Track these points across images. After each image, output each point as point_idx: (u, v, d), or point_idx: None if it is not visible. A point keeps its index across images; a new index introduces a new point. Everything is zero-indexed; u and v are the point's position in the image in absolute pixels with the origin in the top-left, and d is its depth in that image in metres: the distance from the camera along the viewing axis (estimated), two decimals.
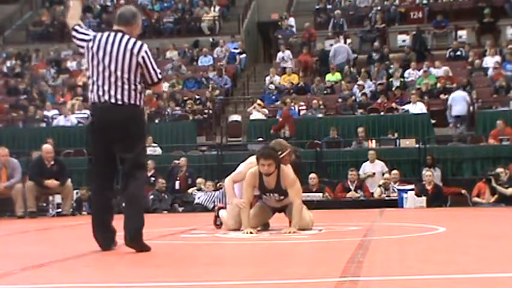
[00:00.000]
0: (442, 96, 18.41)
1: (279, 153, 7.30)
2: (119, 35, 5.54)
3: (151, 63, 5.53)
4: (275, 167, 7.15)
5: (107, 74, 5.46)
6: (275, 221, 8.14)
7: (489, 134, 15.90)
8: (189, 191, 14.89)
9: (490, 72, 19.36)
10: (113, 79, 5.45)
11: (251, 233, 7.03)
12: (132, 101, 5.48)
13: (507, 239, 6.47)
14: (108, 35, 5.56)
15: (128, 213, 5.46)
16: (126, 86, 5.45)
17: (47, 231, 9.42)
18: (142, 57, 5.48)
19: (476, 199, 13.74)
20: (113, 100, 5.45)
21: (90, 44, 5.56)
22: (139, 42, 5.56)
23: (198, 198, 14.47)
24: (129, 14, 5.67)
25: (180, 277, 4.17)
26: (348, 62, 20.84)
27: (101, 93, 5.48)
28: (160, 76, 5.64)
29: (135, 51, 5.48)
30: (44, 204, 13.63)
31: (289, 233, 6.97)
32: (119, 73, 5.45)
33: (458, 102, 17.21)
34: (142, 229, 5.46)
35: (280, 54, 21.86)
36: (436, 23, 22.62)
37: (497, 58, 19.74)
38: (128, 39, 5.52)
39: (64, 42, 25.09)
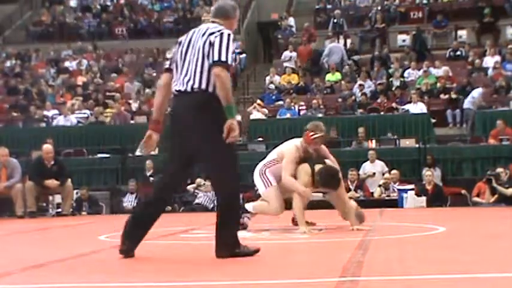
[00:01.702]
0: (442, 96, 18.41)
1: (313, 133, 7.37)
2: (209, 24, 5.09)
3: (220, 44, 4.85)
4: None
5: (187, 61, 4.99)
6: (278, 221, 8.16)
7: (489, 134, 15.89)
8: (188, 187, 14.88)
9: (490, 72, 19.36)
10: (187, 64, 4.98)
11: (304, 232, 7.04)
12: (203, 87, 4.90)
13: (507, 239, 6.47)
14: (200, 28, 5.09)
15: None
16: (198, 69, 4.91)
17: (46, 231, 9.42)
18: (215, 37, 4.88)
19: (476, 199, 13.74)
20: (182, 87, 4.96)
21: (178, 45, 5.12)
22: (223, 28, 4.99)
23: (198, 198, 14.48)
24: (229, 7, 5.19)
25: (179, 277, 4.17)
26: (342, 62, 20.83)
27: (177, 83, 5.02)
28: (224, 58, 4.81)
29: (214, 31, 4.95)
30: (44, 204, 13.63)
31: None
32: (194, 56, 4.95)
33: (468, 97, 17.32)
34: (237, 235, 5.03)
35: (287, 53, 21.77)
36: (436, 23, 22.62)
37: (497, 58, 19.74)
38: (217, 26, 5.01)
39: (64, 42, 25.12)
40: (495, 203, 13.40)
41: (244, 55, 23.37)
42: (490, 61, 19.70)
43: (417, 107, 17.39)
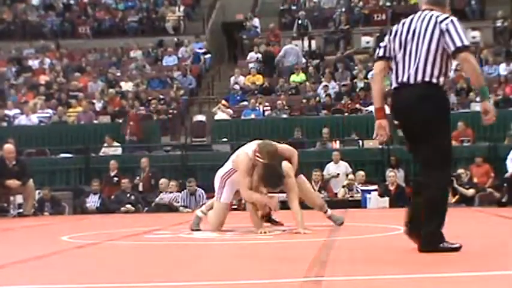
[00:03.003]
0: None
1: (258, 155, 7.34)
2: (427, 11, 5.10)
3: (456, 30, 4.88)
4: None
5: (408, 51, 5.01)
6: (243, 221, 8.16)
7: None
8: (157, 199, 14.50)
9: (451, 74, 19.63)
10: (409, 55, 5.00)
11: (265, 232, 7.13)
12: (427, 79, 4.91)
13: (468, 239, 6.55)
14: (414, 17, 5.14)
15: (423, 216, 4.97)
16: (422, 59, 4.92)
17: (8, 232, 9.29)
18: (447, 24, 4.91)
19: None
20: (406, 79, 4.98)
21: (391, 35, 5.15)
22: (447, 15, 5.02)
23: (162, 198, 14.39)
24: None
25: (142, 278, 4.14)
26: (297, 64, 20.82)
27: (399, 74, 5.05)
28: (466, 42, 4.87)
29: (440, 19, 4.96)
30: (5, 205, 13.45)
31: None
32: (418, 45, 4.96)
33: None
34: (437, 232, 4.93)
35: (253, 54, 21.78)
36: None
37: None
38: (441, 14, 5.02)
39: (26, 41, 24.77)
40: (456, 203, 13.58)
41: (209, 55, 23.34)
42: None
43: None
